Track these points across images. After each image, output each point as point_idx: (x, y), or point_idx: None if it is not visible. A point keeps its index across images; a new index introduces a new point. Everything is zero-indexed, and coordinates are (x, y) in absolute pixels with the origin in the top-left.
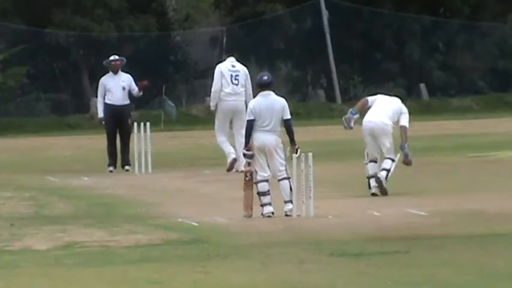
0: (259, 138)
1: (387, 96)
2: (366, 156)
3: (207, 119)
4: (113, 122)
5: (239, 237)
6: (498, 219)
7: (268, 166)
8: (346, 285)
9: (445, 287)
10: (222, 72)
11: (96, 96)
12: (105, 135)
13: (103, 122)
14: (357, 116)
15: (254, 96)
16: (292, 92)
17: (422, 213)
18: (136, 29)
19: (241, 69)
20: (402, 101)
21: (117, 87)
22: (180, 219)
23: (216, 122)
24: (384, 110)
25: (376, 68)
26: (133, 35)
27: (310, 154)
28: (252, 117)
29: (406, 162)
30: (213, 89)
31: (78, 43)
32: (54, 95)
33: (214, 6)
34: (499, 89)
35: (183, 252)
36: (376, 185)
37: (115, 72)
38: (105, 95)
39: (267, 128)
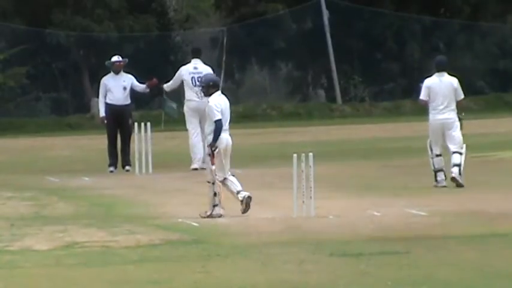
0: (227, 139)
1: (436, 82)
2: (429, 150)
3: None
4: (114, 122)
5: (239, 237)
6: (498, 219)
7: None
8: (346, 285)
9: (445, 287)
10: (182, 75)
11: (97, 96)
12: (105, 136)
13: (105, 121)
14: None
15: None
16: (292, 92)
17: (422, 213)
18: (137, 29)
19: (204, 71)
20: (444, 68)
21: (118, 87)
22: (180, 219)
23: (187, 123)
24: (447, 103)
25: (377, 68)
26: (134, 35)
27: (311, 154)
28: (220, 116)
29: None
30: (170, 83)
31: (79, 43)
32: (54, 95)
33: (214, 6)
34: (499, 89)
35: (183, 252)
36: (444, 178)
37: (117, 73)
38: (106, 95)
39: (227, 127)
